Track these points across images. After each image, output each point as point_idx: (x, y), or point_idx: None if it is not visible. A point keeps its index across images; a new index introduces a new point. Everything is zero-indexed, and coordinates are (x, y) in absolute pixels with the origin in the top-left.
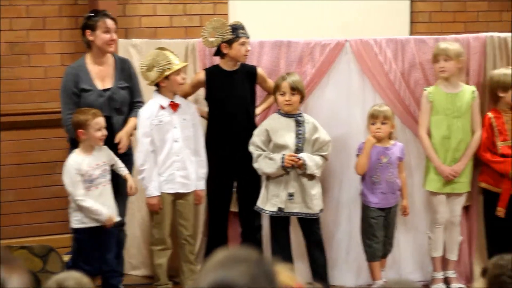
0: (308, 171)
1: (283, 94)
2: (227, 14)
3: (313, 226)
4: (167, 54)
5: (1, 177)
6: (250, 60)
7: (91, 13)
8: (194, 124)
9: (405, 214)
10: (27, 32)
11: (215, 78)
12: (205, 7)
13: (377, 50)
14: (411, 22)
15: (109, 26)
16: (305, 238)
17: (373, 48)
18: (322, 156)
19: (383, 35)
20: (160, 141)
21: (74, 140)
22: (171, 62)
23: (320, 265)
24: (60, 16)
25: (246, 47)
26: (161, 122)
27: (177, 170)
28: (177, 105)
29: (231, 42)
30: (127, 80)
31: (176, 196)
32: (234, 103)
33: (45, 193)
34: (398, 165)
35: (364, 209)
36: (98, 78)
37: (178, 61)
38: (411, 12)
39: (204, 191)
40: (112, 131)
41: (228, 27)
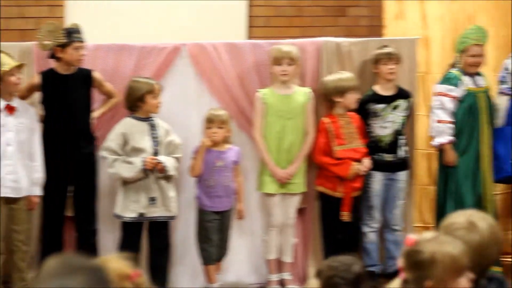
0: (169, 173)
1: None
2: (63, 17)
3: (164, 230)
4: (0, 56)
5: None
6: (87, 64)
7: None
8: (32, 129)
9: (241, 218)
10: None
11: (50, 82)
12: (41, 10)
13: (214, 54)
14: (248, 27)
15: None
16: (152, 242)
17: (210, 52)
18: (177, 159)
19: (221, 39)
20: None
21: None
22: (4, 63)
23: (162, 269)
24: None
25: (80, 52)
26: None
27: (8, 174)
28: (14, 108)
29: (65, 46)
30: None
31: (8, 201)
32: (69, 107)
33: None
34: (234, 169)
35: (200, 213)
36: None
37: (12, 62)
38: (248, 17)
39: (39, 197)
40: None
41: (62, 31)
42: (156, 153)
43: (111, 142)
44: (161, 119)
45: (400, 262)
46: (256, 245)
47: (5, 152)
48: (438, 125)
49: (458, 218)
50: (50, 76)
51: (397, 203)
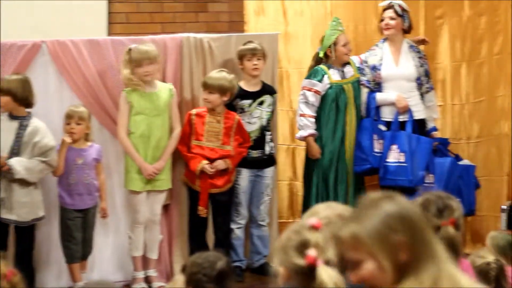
0: (17, 176)
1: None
2: None
3: (28, 230)
4: None
5: None
6: None
7: None
8: None
9: (104, 216)
10: None
11: None
12: None
13: (74, 51)
14: (109, 23)
15: None
16: (16, 242)
17: (70, 49)
18: (44, 162)
19: (81, 36)
20: None
21: None
22: None
23: (27, 269)
24: None
25: None
26: None
27: None
28: None
29: None
30: None
31: None
32: None
33: None
34: (96, 167)
35: (62, 211)
36: None
37: None
38: (109, 13)
39: None
40: None
41: None
42: (14, 153)
43: None
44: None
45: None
46: (121, 243)
47: None
48: (301, 119)
49: (324, 211)
50: None
51: (264, 199)
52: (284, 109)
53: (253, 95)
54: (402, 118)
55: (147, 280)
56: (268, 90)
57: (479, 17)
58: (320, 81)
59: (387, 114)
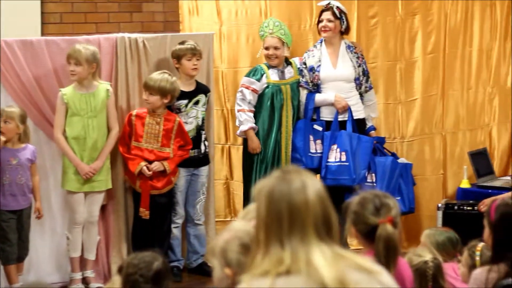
0: None
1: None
2: None
3: None
4: None
5: None
6: None
7: None
8: None
9: (39, 217)
10: None
11: None
12: None
13: (8, 52)
14: (42, 23)
15: None
16: None
17: (4, 50)
18: None
19: (15, 37)
20: None
21: None
22: None
23: None
24: None
25: None
26: None
27: None
28: None
29: None
30: None
31: None
32: None
33: None
34: (30, 168)
35: None
36: None
37: None
38: (42, 13)
39: None
40: None
41: None
42: None
43: None
44: None
45: None
46: (58, 244)
47: None
48: (240, 114)
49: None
50: None
51: (199, 198)
52: (220, 109)
53: (189, 95)
54: (342, 118)
55: (85, 281)
56: (203, 89)
57: (412, 17)
58: (259, 80)
59: (327, 114)
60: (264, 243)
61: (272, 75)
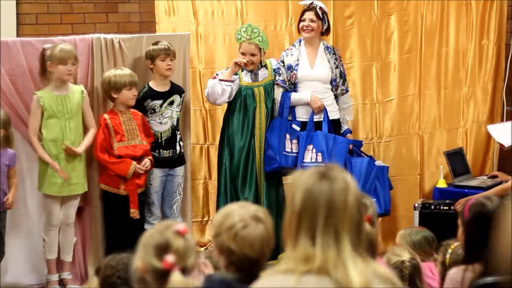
0: None
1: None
2: None
3: None
4: None
5: None
6: None
7: None
8: None
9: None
10: None
11: None
12: None
13: None
14: (18, 24)
15: None
16: None
17: None
18: None
19: None
20: None
21: None
22: None
23: None
24: None
25: None
26: None
27: None
28: None
29: None
30: None
31: None
32: None
33: None
34: (8, 172)
35: None
36: None
37: None
38: (18, 14)
39: None
40: None
41: None
42: None
43: None
44: None
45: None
46: (35, 246)
47: None
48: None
49: (236, 212)
50: None
51: (176, 198)
52: (198, 109)
53: (164, 95)
54: (318, 118)
55: (62, 283)
56: (177, 90)
57: (388, 17)
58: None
59: (303, 114)
60: (294, 237)
61: (245, 77)
